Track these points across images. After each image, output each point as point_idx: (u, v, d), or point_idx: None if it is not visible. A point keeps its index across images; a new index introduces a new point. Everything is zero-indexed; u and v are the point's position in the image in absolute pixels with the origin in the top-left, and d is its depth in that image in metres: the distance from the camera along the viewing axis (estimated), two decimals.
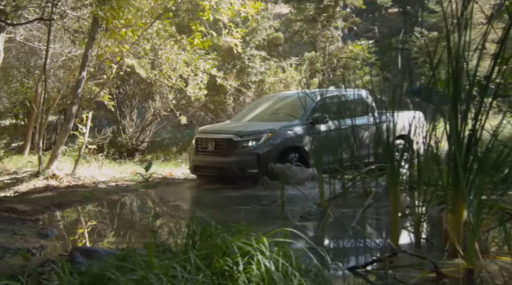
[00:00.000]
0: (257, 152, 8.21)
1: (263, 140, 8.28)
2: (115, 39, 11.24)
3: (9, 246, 4.19)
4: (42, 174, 9.00)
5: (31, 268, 3.08)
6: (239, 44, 11.59)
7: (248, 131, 8.54)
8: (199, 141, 9.06)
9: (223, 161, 8.40)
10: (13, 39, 13.08)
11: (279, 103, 9.95)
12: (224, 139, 8.57)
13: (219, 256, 2.39)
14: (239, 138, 8.36)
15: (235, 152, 8.30)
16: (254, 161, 8.18)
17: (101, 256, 3.22)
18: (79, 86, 10.09)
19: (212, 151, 8.68)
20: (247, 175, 8.25)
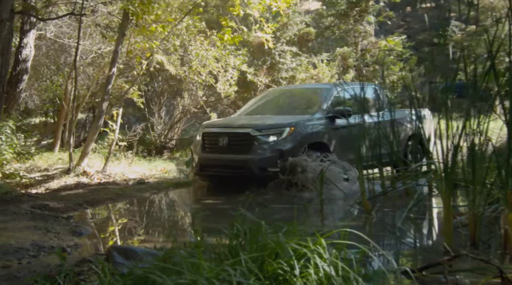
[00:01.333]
0: (280, 148, 7.38)
1: (286, 134, 7.44)
2: (144, 35, 11.19)
3: (43, 244, 4.11)
4: (73, 171, 8.98)
5: (67, 268, 2.95)
6: (270, 39, 11.40)
7: (268, 124, 7.68)
8: (207, 136, 8.07)
9: (238, 158, 7.49)
10: (43, 36, 13.17)
11: (289, 96, 9.29)
12: (240, 133, 7.67)
13: (271, 259, 2.21)
14: (258, 132, 7.46)
15: (253, 148, 7.41)
16: (276, 158, 7.32)
17: (139, 256, 3.09)
18: (109, 82, 10.05)
19: (225, 147, 7.68)
20: (267, 174, 7.36)
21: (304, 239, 2.26)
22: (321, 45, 17.64)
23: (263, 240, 2.33)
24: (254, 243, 2.39)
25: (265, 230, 2.42)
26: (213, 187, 8.31)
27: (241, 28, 11.84)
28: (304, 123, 7.72)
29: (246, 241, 2.59)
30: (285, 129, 7.49)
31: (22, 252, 3.81)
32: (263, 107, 9.05)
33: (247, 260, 2.08)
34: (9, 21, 7.12)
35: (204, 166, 7.93)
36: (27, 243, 4.08)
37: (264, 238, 2.36)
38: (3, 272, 3.23)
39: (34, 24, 11.35)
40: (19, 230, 4.61)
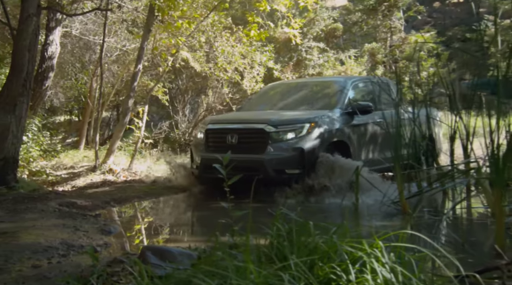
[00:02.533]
0: (300, 146, 6.59)
1: (306, 131, 6.68)
2: (169, 32, 11.12)
3: (72, 242, 4.02)
4: (99, 169, 8.95)
5: (100, 269, 2.84)
6: (298, 35, 11.21)
7: (285, 119, 6.89)
8: (212, 133, 7.19)
9: (250, 159, 6.59)
10: (68, 33, 13.22)
11: (300, 90, 8.41)
12: (252, 129, 6.85)
13: (323, 262, 2.04)
14: (274, 128, 6.67)
15: (268, 147, 6.61)
16: (296, 158, 6.55)
17: (175, 257, 2.96)
18: (135, 79, 10.00)
19: (234, 146, 6.72)
20: (285, 177, 6.57)
21: (358, 241, 2.08)
22: (349, 41, 17.36)
23: (312, 241, 2.16)
24: (301, 245, 2.23)
25: (313, 230, 2.25)
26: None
27: (267, 23, 11.70)
28: (325, 119, 6.95)
29: (291, 242, 2.43)
30: (305, 125, 6.72)
31: (52, 251, 3.71)
32: (272, 101, 8.32)
33: (299, 263, 1.92)
34: (36, 17, 7.07)
35: (208, 167, 6.64)
36: (56, 241, 3.99)
37: (313, 240, 2.19)
38: (33, 272, 3.13)
39: (59, 21, 11.39)
40: (48, 228, 4.53)
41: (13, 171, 6.53)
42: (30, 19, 6.95)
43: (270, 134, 6.66)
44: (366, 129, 7.50)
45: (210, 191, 7.23)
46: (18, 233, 4.31)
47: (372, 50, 15.54)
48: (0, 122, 6.50)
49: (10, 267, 3.22)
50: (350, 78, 8.38)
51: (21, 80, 6.73)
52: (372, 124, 7.50)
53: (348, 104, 7.35)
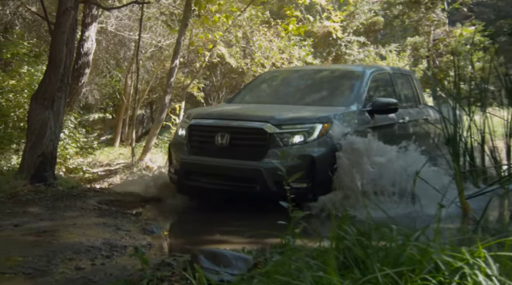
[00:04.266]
0: (309, 153, 5.17)
1: (318, 133, 5.27)
2: (205, 27, 10.98)
3: (115, 242, 3.85)
4: (136, 166, 8.85)
5: (149, 273, 2.63)
6: (339, 29, 10.91)
7: (292, 117, 5.45)
8: (196, 131, 5.74)
9: (245, 166, 5.22)
10: (103, 29, 13.22)
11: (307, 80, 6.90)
12: (250, 129, 5.41)
13: (414, 273, 1.78)
14: (277, 128, 5.24)
15: (269, 151, 5.18)
16: (305, 168, 5.03)
17: (229, 260, 2.74)
18: (171, 75, 9.87)
19: (224, 148, 5.37)
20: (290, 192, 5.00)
21: (453, 249, 1.81)
22: (389, 35, 16.91)
23: (397, 248, 1.90)
24: (380, 251, 1.96)
25: (395, 234, 1.98)
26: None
27: (307, 17, 11.43)
28: (342, 119, 5.57)
29: (364, 247, 2.18)
30: (316, 126, 5.30)
31: (94, 251, 3.55)
32: (273, 92, 6.90)
33: (392, 274, 1.65)
34: (74, 10, 6.98)
35: (190, 174, 5.58)
36: (98, 241, 3.83)
37: (397, 246, 1.93)
38: (77, 275, 2.96)
39: (95, 16, 11.35)
40: (88, 227, 4.39)
41: (51, 168, 6.44)
42: (68, 13, 6.86)
43: (272, 135, 5.21)
44: (391, 132, 6.17)
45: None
46: (58, 232, 4.17)
47: (415, 44, 15.06)
48: (38, 118, 6.42)
49: (53, 269, 3.07)
50: (369, 67, 6.98)
51: (59, 75, 6.63)
52: (399, 125, 6.38)
53: (368, 99, 6.06)
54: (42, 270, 3.05)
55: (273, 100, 6.58)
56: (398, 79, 7.00)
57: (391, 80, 6.85)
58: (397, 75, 7.10)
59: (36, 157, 6.28)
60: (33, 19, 13.06)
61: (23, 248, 3.56)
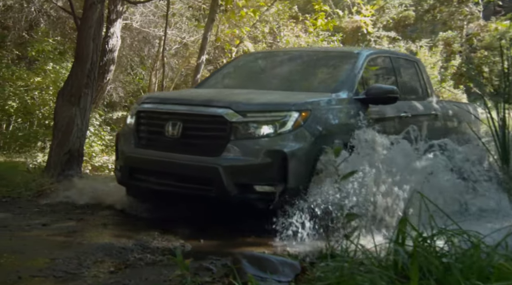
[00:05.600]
0: (282, 148, 4.08)
1: (292, 123, 4.18)
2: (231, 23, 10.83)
3: (147, 244, 3.68)
4: None
5: (189, 279, 2.45)
6: (369, 23, 10.64)
7: (260, 103, 4.39)
8: (145, 118, 4.74)
9: (199, 163, 4.18)
10: (128, 26, 13.16)
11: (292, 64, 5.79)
12: (207, 116, 4.37)
13: None
14: (240, 116, 4.18)
15: (229, 145, 4.13)
16: (274, 167, 4.06)
17: (275, 266, 2.55)
18: (198, 71, 9.74)
19: (176, 140, 4.36)
20: (253, 198, 4.10)
21: None
22: (421, 30, 16.52)
23: (482, 259, 1.67)
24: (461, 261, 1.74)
25: (478, 242, 1.75)
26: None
27: (336, 12, 11.18)
28: (326, 107, 4.52)
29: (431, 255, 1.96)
30: (291, 114, 4.21)
31: (126, 253, 3.40)
32: (249, 76, 5.87)
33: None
34: (100, 4, 6.88)
35: (136, 171, 4.63)
36: (130, 242, 3.67)
37: (475, 255, 1.70)
38: (111, 279, 2.81)
39: (120, 13, 11.29)
40: (118, 226, 4.25)
41: (78, 165, 6.35)
42: (94, 7, 6.76)
43: (234, 125, 4.14)
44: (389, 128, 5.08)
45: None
46: (88, 232, 4.06)
47: (447, 39, 14.66)
48: (65, 114, 6.33)
49: (84, 272, 2.92)
50: (365, 50, 5.94)
51: (86, 70, 6.54)
52: (399, 119, 5.32)
53: (362, 87, 5.01)
54: (73, 273, 2.91)
55: (247, 84, 5.47)
56: (401, 66, 6.05)
57: (392, 66, 5.78)
58: (400, 60, 6.11)
59: (62, 155, 6.19)
60: (57, 16, 13.07)
61: (53, 249, 3.43)
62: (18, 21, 12.53)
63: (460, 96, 13.11)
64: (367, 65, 5.27)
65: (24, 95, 9.61)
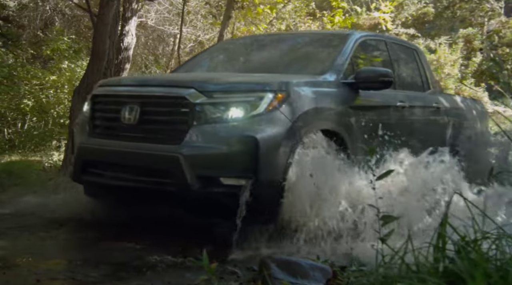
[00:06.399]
0: (253, 134, 3.48)
1: (266, 106, 3.60)
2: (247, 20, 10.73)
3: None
4: None
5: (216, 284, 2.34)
6: (388, 20, 10.45)
7: (227, 82, 3.89)
8: (100, 103, 4.15)
9: (156, 152, 3.63)
10: (143, 24, 13.13)
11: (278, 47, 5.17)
12: (166, 97, 3.80)
13: None
14: (205, 97, 3.60)
15: (191, 131, 3.54)
16: (243, 156, 3.49)
17: (305, 271, 2.42)
18: None
19: (133, 126, 3.77)
20: (219, 193, 3.52)
21: None
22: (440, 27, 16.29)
23: None
24: None
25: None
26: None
27: (354, 8, 11.02)
28: (305, 89, 3.91)
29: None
30: (264, 95, 3.62)
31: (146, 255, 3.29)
32: (224, 61, 5.38)
33: None
34: (117, 1, 6.83)
35: (89, 165, 4.02)
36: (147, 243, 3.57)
37: None
38: (132, 282, 2.70)
39: (135, 11, 11.24)
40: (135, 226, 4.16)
41: None
42: (110, 4, 6.71)
43: (197, 107, 3.55)
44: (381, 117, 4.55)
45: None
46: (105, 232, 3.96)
47: (468, 36, 14.42)
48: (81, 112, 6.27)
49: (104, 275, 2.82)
50: (357, 32, 5.36)
51: (102, 68, 6.50)
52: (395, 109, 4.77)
53: (351, 70, 4.42)
54: (92, 275, 2.82)
55: (226, 68, 5.09)
56: (398, 52, 5.44)
57: (388, 52, 5.19)
58: (397, 46, 5.50)
59: None
60: (72, 14, 13.10)
61: (71, 251, 3.35)
62: (33, 20, 12.57)
63: (481, 94, 12.91)
64: (358, 48, 4.74)
65: (39, 94, 9.60)
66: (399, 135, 4.40)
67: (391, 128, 4.41)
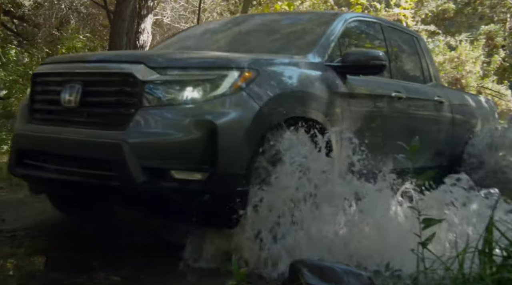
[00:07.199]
0: (209, 118, 2.89)
1: (230, 85, 3.00)
2: None
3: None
4: None
5: None
6: (409, 16, 10.27)
7: (186, 57, 3.32)
8: (40, 84, 3.52)
9: (99, 140, 3.01)
10: (158, 22, 13.08)
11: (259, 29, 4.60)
12: (112, 75, 3.18)
13: None
14: (157, 74, 3.00)
15: (138, 115, 2.93)
16: (199, 145, 2.88)
17: (339, 276, 2.30)
18: None
19: (74, 109, 3.16)
20: (169, 188, 2.88)
21: None
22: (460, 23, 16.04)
23: None
24: None
25: None
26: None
27: (373, 5, 10.85)
28: (281, 69, 3.34)
29: None
30: (228, 73, 3.04)
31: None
32: (200, 41, 4.72)
33: None
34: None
35: (26, 155, 3.43)
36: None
37: None
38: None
39: (151, 8, 11.19)
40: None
41: None
42: (127, 0, 6.66)
43: (146, 86, 2.97)
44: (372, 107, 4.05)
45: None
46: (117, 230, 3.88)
47: (489, 33, 14.16)
48: None
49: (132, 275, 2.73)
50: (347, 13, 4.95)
51: None
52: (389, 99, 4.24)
53: (338, 53, 3.91)
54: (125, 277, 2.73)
55: (198, 48, 4.41)
56: (395, 38, 4.86)
57: (383, 36, 4.64)
58: (394, 31, 4.92)
59: None
60: (87, 12, 13.08)
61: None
62: (49, 19, 12.57)
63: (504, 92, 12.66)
64: (347, 29, 4.21)
65: None
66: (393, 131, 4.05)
67: (383, 122, 4.02)
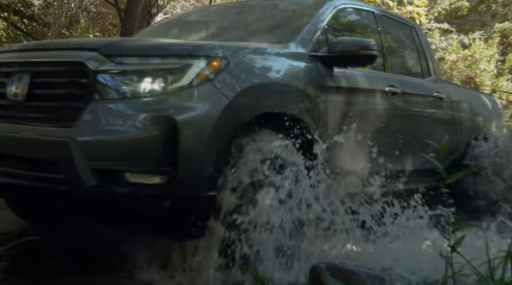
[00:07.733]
0: (169, 114, 2.44)
1: (194, 77, 2.55)
2: None
3: None
4: None
5: None
6: (422, 14, 10.14)
7: (146, 44, 2.89)
8: None
9: (45, 138, 2.53)
10: None
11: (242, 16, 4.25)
12: (61, 64, 2.70)
13: None
14: (111, 63, 2.54)
15: (88, 109, 2.48)
16: (158, 144, 2.42)
17: (363, 281, 2.22)
18: None
19: (21, 103, 2.71)
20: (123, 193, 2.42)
21: None
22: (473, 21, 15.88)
23: None
24: None
25: None
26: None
27: (386, 2, 10.73)
28: (255, 58, 2.93)
29: None
30: (192, 61, 2.60)
31: None
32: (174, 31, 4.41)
33: None
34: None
35: None
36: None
37: None
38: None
39: (161, 7, 11.17)
40: None
41: None
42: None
43: (99, 76, 2.54)
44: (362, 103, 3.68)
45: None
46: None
47: (504, 31, 14.00)
48: None
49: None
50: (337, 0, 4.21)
51: None
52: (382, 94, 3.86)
53: (324, 42, 3.51)
54: None
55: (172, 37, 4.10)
56: (390, 28, 4.50)
57: (376, 26, 4.26)
58: (389, 21, 4.53)
59: None
60: (97, 12, 13.08)
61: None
62: (58, 18, 12.59)
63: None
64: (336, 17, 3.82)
65: None
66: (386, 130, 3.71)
67: (375, 119, 3.67)
